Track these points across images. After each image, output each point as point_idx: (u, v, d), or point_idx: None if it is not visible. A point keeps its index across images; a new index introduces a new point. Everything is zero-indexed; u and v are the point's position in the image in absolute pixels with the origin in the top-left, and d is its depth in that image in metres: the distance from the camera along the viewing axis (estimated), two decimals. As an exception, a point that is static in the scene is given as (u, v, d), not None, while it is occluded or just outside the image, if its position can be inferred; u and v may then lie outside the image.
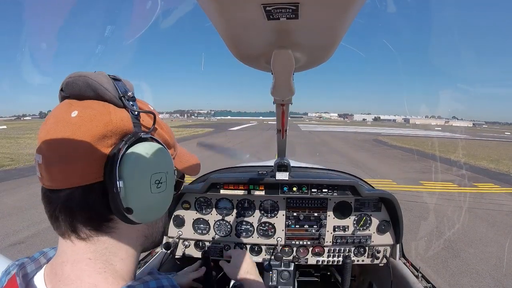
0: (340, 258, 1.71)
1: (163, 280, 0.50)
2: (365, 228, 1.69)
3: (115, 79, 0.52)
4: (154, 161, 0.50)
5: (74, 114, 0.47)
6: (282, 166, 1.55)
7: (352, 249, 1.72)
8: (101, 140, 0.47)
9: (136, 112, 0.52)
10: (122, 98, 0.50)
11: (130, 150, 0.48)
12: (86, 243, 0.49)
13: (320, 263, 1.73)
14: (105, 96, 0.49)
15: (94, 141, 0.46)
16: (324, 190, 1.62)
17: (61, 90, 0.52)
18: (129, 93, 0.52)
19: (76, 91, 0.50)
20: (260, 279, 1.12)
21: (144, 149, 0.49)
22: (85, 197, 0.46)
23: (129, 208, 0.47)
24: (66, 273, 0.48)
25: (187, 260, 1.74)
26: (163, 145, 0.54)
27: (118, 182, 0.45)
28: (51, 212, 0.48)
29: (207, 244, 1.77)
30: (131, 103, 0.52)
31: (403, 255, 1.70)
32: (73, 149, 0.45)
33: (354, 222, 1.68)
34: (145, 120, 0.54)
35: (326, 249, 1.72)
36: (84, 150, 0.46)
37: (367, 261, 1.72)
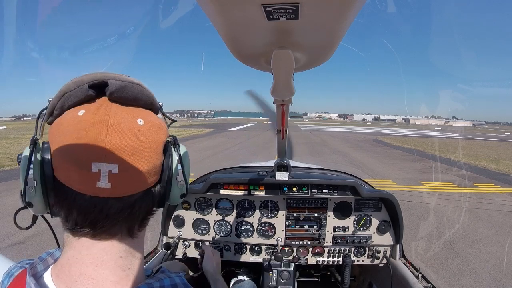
0: (340, 258, 1.70)
1: (176, 278, 0.53)
2: (365, 228, 1.68)
3: None
4: (188, 157, 0.59)
5: (141, 122, 0.49)
6: (282, 166, 1.55)
7: (352, 249, 1.72)
8: (161, 147, 0.52)
9: (171, 121, 0.60)
10: (161, 108, 0.57)
11: (180, 151, 0.55)
12: (120, 243, 0.50)
13: (320, 263, 1.73)
14: (156, 105, 0.55)
15: (159, 148, 0.51)
16: (324, 190, 1.62)
17: (112, 93, 0.48)
18: (160, 103, 0.57)
19: (130, 96, 0.50)
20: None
21: (183, 149, 0.57)
22: (143, 201, 0.50)
23: (183, 194, 0.56)
24: (88, 273, 0.48)
25: (187, 260, 1.74)
26: None
27: (178, 176, 0.54)
28: (96, 219, 0.46)
29: (207, 244, 1.77)
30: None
31: (403, 255, 1.69)
32: (144, 157, 0.48)
33: (354, 222, 1.68)
34: None
35: (326, 249, 1.72)
36: (151, 157, 0.50)
37: (367, 261, 1.72)
